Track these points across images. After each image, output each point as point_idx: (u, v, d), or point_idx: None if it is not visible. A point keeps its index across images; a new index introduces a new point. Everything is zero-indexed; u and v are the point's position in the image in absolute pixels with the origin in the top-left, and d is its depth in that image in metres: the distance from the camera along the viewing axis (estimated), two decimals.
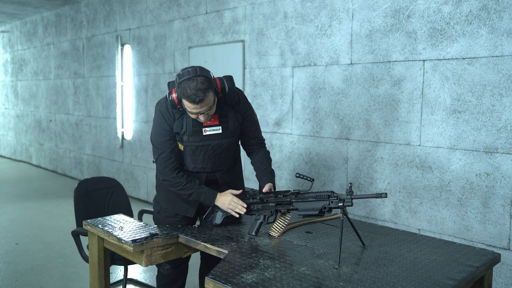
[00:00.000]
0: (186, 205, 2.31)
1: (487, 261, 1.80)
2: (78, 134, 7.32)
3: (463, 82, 2.88)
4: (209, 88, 1.99)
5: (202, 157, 2.22)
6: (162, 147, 2.19)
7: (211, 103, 2.03)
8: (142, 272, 3.60)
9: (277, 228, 2.09)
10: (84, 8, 6.95)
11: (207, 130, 2.17)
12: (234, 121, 2.22)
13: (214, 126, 2.18)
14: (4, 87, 9.93)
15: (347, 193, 1.81)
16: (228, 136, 2.22)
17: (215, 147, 2.21)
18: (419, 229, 3.14)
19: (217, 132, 2.19)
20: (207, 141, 2.18)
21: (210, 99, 2.01)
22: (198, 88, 1.96)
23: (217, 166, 2.27)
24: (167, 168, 2.19)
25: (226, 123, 2.20)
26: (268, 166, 2.36)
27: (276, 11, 4.02)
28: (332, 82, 3.61)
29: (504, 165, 2.74)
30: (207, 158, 2.23)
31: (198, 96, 1.96)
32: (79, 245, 2.69)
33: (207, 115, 2.07)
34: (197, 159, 2.22)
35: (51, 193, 6.46)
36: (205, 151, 2.21)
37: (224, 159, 2.27)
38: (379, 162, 3.35)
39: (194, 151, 2.20)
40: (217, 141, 2.20)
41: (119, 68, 6.12)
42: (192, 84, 1.96)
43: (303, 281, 1.55)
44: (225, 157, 2.27)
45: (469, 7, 2.83)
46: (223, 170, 2.30)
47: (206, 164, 2.24)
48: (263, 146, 2.43)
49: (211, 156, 2.22)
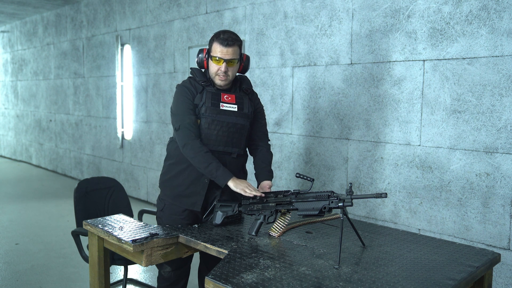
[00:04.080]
0: (192, 199, 2.32)
1: (487, 261, 1.80)
2: (78, 134, 7.32)
3: (463, 82, 2.88)
4: (239, 42, 2.26)
5: (216, 133, 2.28)
6: (187, 114, 2.26)
7: (236, 56, 2.25)
8: (142, 272, 3.60)
9: (277, 228, 2.09)
10: (84, 8, 6.95)
11: (224, 105, 2.30)
12: (249, 106, 2.36)
13: (231, 103, 2.31)
14: (4, 87, 9.93)
15: (347, 193, 1.81)
16: (243, 117, 2.33)
17: (230, 124, 2.30)
18: (419, 229, 3.14)
19: (233, 110, 2.31)
20: (223, 115, 2.28)
21: (236, 51, 2.24)
22: (231, 35, 2.24)
23: (229, 147, 2.32)
24: (191, 133, 2.24)
25: (242, 104, 2.33)
26: (267, 165, 2.42)
27: (276, 11, 4.02)
28: (332, 82, 3.61)
29: (504, 165, 2.74)
30: (221, 135, 2.29)
31: (229, 40, 2.20)
32: (79, 245, 2.69)
33: (227, 69, 2.24)
34: (212, 134, 2.27)
35: (51, 193, 6.46)
36: (220, 126, 2.29)
37: (237, 142, 2.33)
38: (379, 162, 3.35)
39: (210, 124, 2.27)
40: (233, 119, 2.30)
41: (119, 68, 6.12)
42: (227, 32, 2.24)
43: (303, 281, 1.55)
44: (237, 139, 2.33)
45: (469, 7, 2.83)
46: (233, 154, 2.34)
47: (220, 141, 2.29)
48: (267, 142, 2.51)
49: (225, 133, 2.29)
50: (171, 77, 5.30)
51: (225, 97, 2.31)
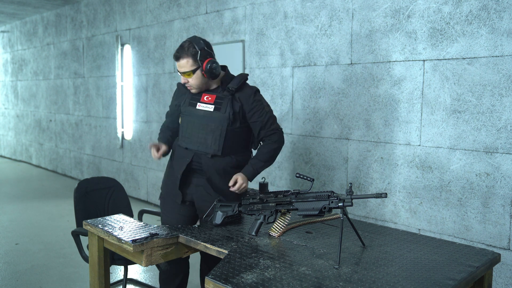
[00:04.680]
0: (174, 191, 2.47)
1: (487, 261, 1.80)
2: (78, 134, 7.32)
3: (463, 82, 2.88)
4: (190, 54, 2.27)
5: (190, 131, 2.39)
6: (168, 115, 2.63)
7: (188, 68, 2.28)
8: (142, 272, 3.60)
9: (277, 228, 2.09)
10: (84, 8, 6.95)
11: (201, 105, 2.38)
12: (228, 107, 2.33)
13: (209, 104, 2.36)
14: (4, 87, 9.93)
15: (347, 193, 1.81)
16: (218, 118, 2.33)
17: (203, 125, 2.35)
18: (419, 229, 3.14)
19: (208, 110, 2.35)
20: (197, 115, 2.38)
21: (186, 63, 2.27)
22: (180, 48, 2.29)
23: (203, 147, 2.36)
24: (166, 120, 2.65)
25: (220, 105, 2.34)
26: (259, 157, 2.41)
27: (276, 11, 4.02)
28: (332, 82, 3.61)
29: (504, 165, 2.74)
30: (195, 134, 2.38)
31: (177, 53, 2.29)
32: (79, 245, 2.69)
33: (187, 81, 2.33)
34: (187, 132, 2.41)
35: (51, 193, 6.46)
36: (193, 126, 2.38)
37: (211, 142, 2.34)
38: (379, 162, 3.35)
39: (185, 123, 2.42)
40: (206, 119, 2.35)
41: (119, 68, 6.11)
42: (179, 46, 2.31)
43: (303, 281, 1.55)
44: (211, 140, 2.34)
45: (469, 7, 2.83)
46: (208, 154, 2.35)
47: (194, 141, 2.38)
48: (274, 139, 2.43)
49: (198, 132, 2.37)
50: (171, 77, 5.30)
51: (206, 97, 2.38)
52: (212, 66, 2.29)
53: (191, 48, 2.27)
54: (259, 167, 2.40)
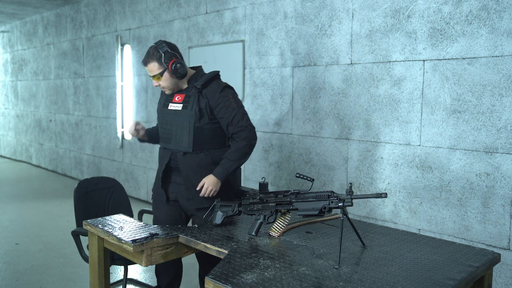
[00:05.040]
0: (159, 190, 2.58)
1: (487, 261, 1.80)
2: (78, 134, 7.32)
3: (463, 82, 2.88)
4: (155, 58, 2.37)
5: (163, 131, 2.51)
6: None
7: (155, 72, 2.39)
8: (142, 272, 3.60)
9: (277, 228, 2.09)
10: (84, 8, 6.95)
11: (172, 105, 2.49)
12: (195, 104, 2.40)
13: (178, 103, 2.46)
14: (4, 87, 9.93)
15: (347, 193, 1.81)
16: (185, 115, 2.42)
17: (172, 123, 2.45)
18: (419, 229, 3.14)
19: (177, 109, 2.45)
20: (167, 115, 2.49)
21: (153, 67, 2.39)
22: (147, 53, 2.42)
23: (175, 145, 2.46)
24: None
25: (187, 103, 2.42)
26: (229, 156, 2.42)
27: (276, 11, 4.02)
28: (332, 82, 3.61)
29: (504, 165, 2.74)
30: (167, 133, 2.48)
31: (144, 59, 2.42)
32: (79, 245, 2.69)
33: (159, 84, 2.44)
34: (162, 132, 2.53)
35: (51, 193, 6.46)
36: (165, 125, 2.49)
37: (180, 140, 2.43)
38: (379, 162, 3.35)
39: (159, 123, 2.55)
40: (174, 118, 2.45)
41: (119, 68, 6.12)
42: (149, 48, 2.43)
43: (303, 281, 1.55)
44: (180, 137, 2.43)
45: (469, 7, 2.83)
46: (180, 152, 2.45)
47: (168, 139, 2.49)
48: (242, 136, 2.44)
49: (170, 131, 2.47)
50: None
51: (177, 97, 2.48)
52: (177, 67, 2.39)
53: (156, 52, 2.38)
54: (228, 166, 2.41)
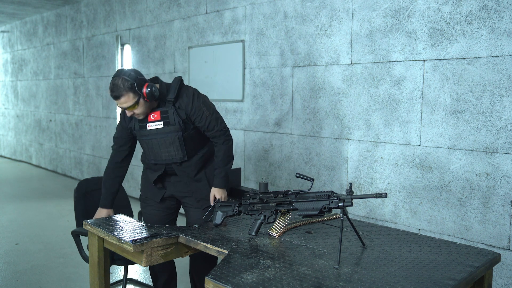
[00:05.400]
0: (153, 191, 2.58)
1: (487, 261, 1.80)
2: (78, 134, 7.32)
3: (463, 82, 2.88)
4: (128, 88, 2.23)
5: (152, 150, 2.45)
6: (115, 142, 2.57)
7: (130, 103, 2.27)
8: (142, 272, 3.60)
9: (277, 228, 2.09)
10: (84, 8, 6.95)
11: (150, 125, 2.41)
12: (175, 116, 2.38)
13: (156, 121, 2.40)
14: (4, 87, 9.93)
15: (347, 193, 1.81)
16: (171, 131, 2.39)
17: (161, 141, 2.41)
18: (419, 229, 3.14)
19: (159, 127, 2.40)
20: (153, 135, 2.42)
21: (127, 98, 2.25)
22: (114, 89, 2.25)
23: (171, 157, 2.44)
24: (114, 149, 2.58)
25: (167, 118, 2.39)
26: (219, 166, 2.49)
27: (276, 11, 4.02)
28: (332, 82, 3.61)
29: (504, 165, 2.74)
30: (157, 151, 2.44)
31: (114, 95, 2.26)
32: (79, 245, 2.69)
33: (133, 113, 2.33)
34: (149, 151, 2.47)
35: (51, 193, 6.46)
36: (153, 144, 2.44)
37: (174, 152, 2.42)
38: (379, 162, 3.35)
39: (144, 144, 2.47)
40: (162, 135, 2.41)
41: (119, 68, 6.11)
42: (113, 87, 2.26)
43: (303, 281, 1.55)
44: (174, 150, 2.42)
45: (469, 7, 2.83)
46: (177, 162, 2.46)
47: (159, 156, 2.45)
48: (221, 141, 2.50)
49: (160, 148, 2.43)
50: (171, 77, 5.30)
51: (151, 116, 2.40)
52: (152, 90, 2.29)
53: (126, 82, 2.24)
54: (224, 174, 2.49)
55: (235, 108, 4.49)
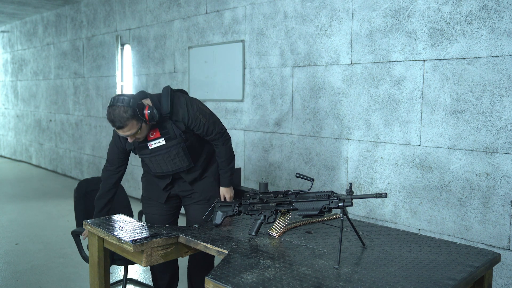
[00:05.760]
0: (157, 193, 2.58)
1: (487, 261, 1.80)
2: (78, 134, 7.32)
3: (463, 82, 2.88)
4: (130, 116, 2.16)
5: (157, 165, 2.43)
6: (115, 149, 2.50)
7: (134, 130, 2.21)
8: (142, 272, 3.60)
9: (277, 228, 2.09)
10: (84, 8, 6.95)
11: (152, 143, 2.38)
12: (175, 129, 2.36)
13: (157, 139, 2.37)
14: (4, 87, 9.93)
15: (347, 193, 1.81)
16: (174, 144, 2.37)
17: (165, 155, 2.39)
18: (419, 229, 3.14)
19: (161, 144, 2.37)
20: (156, 152, 2.39)
21: (131, 127, 2.19)
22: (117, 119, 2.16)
23: (178, 167, 2.43)
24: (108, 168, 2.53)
25: (168, 133, 2.36)
26: (223, 167, 2.52)
27: (276, 11, 4.02)
28: (332, 82, 3.61)
29: (504, 165, 2.74)
30: (163, 165, 2.42)
31: (118, 126, 2.18)
32: (79, 245, 2.69)
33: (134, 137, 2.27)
34: (156, 166, 2.44)
35: (51, 193, 6.46)
36: (158, 160, 2.41)
37: (180, 162, 2.42)
38: (379, 162, 3.35)
39: (149, 162, 2.44)
40: (165, 150, 2.38)
41: (119, 68, 6.11)
42: (114, 118, 2.17)
43: (303, 281, 1.55)
44: (181, 160, 2.41)
45: (469, 7, 2.83)
46: (184, 170, 2.46)
47: (165, 168, 2.44)
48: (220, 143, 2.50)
49: (166, 162, 2.41)
50: (171, 77, 5.30)
51: (150, 134, 2.36)
52: (152, 113, 2.23)
53: (128, 110, 2.15)
54: (228, 174, 2.54)
55: (235, 108, 4.49)
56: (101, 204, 2.52)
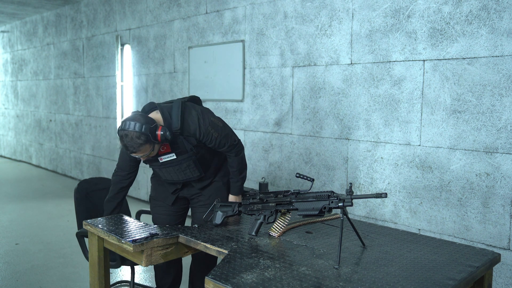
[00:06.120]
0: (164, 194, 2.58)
1: (487, 261, 1.80)
2: (78, 134, 7.32)
3: (463, 82, 2.88)
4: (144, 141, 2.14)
5: (169, 176, 2.43)
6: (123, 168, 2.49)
7: (146, 152, 2.20)
8: (142, 272, 3.60)
9: (277, 228, 2.09)
10: (84, 8, 6.95)
11: (163, 158, 2.36)
12: (186, 144, 2.33)
13: (168, 153, 2.35)
14: (4, 87, 9.93)
15: (347, 193, 1.81)
16: (185, 158, 2.36)
17: (176, 168, 2.39)
18: (419, 229, 3.14)
19: (172, 158, 2.36)
20: (167, 164, 2.39)
21: (144, 150, 2.18)
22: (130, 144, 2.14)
23: (188, 177, 2.43)
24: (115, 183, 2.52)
25: (178, 148, 2.34)
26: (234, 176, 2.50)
27: (276, 11, 4.02)
28: (332, 82, 3.61)
29: (504, 165, 2.74)
30: (174, 174, 2.42)
31: (129, 148, 2.16)
32: (83, 247, 2.68)
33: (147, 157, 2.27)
34: (167, 175, 2.44)
35: (51, 193, 6.46)
36: (169, 172, 2.42)
37: (191, 173, 2.41)
38: (379, 162, 3.35)
39: (160, 173, 2.46)
40: (176, 164, 2.37)
41: (119, 68, 6.11)
42: (127, 137, 2.14)
43: (303, 281, 1.55)
44: (191, 172, 2.41)
45: (469, 7, 2.83)
46: (194, 179, 2.46)
47: (177, 177, 2.44)
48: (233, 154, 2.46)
49: (177, 174, 2.41)
50: (171, 77, 5.30)
51: (161, 149, 2.33)
52: (165, 134, 2.18)
53: (142, 136, 2.12)
54: (240, 183, 2.52)
55: (235, 108, 4.49)
56: (110, 207, 2.52)
